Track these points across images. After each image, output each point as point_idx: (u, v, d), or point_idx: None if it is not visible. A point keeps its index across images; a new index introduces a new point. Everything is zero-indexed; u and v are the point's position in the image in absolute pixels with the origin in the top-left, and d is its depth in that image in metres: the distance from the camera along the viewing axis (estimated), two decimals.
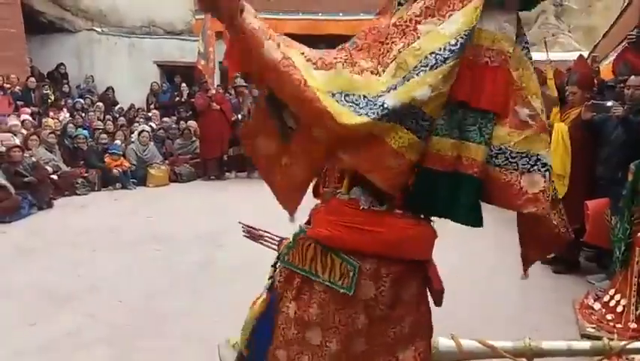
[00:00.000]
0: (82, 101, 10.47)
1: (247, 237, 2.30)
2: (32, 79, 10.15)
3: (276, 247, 2.08)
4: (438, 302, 1.92)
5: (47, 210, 6.53)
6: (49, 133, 7.87)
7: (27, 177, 6.46)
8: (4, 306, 3.58)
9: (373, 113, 1.38)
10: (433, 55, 1.42)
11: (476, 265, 4.66)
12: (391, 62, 1.46)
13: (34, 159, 6.92)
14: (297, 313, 1.66)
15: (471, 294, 3.94)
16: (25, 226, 5.84)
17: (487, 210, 1.81)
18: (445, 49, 1.41)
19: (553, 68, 4.73)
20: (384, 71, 1.46)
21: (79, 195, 7.45)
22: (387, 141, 1.44)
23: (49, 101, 9.83)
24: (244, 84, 9.22)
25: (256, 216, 3.18)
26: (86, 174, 7.75)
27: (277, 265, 1.85)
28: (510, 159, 1.56)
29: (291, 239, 1.75)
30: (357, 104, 1.40)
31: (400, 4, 1.63)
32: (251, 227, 2.29)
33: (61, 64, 11.71)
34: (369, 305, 1.63)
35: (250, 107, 8.94)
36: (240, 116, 8.81)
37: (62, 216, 6.27)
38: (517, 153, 1.55)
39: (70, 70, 11.77)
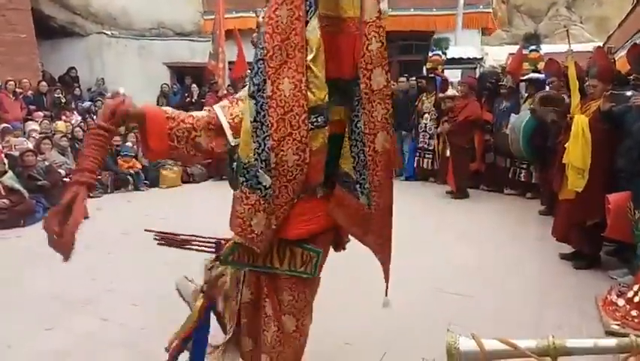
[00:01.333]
0: (92, 104, 10.53)
1: (162, 244, 2.10)
2: (44, 83, 10.22)
3: (210, 250, 1.99)
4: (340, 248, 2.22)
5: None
6: (61, 136, 7.91)
7: (40, 180, 6.49)
8: (20, 311, 3.58)
9: None
10: None
11: (493, 263, 4.58)
12: None
13: (47, 162, 6.95)
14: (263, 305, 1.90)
15: (489, 292, 3.88)
16: (40, 229, 5.82)
17: (505, 208, 1.78)
18: None
19: (574, 58, 4.62)
20: None
21: (92, 197, 7.45)
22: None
23: (61, 104, 9.87)
24: None
25: None
26: (98, 177, 7.75)
27: (211, 268, 2.02)
28: None
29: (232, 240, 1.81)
30: None
31: None
32: (168, 233, 2.06)
33: (72, 67, 11.78)
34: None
35: None
36: None
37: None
38: None
39: (81, 73, 11.85)
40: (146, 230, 2.02)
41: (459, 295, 3.79)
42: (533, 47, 7.74)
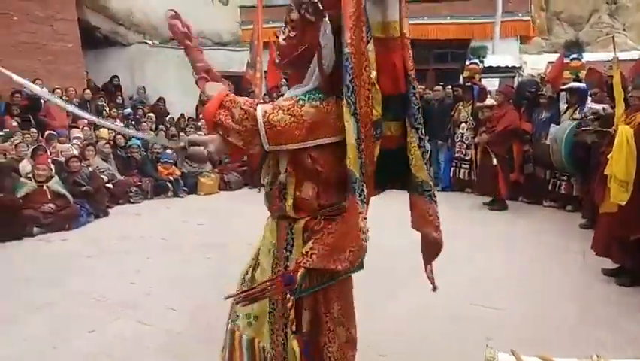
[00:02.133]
0: (132, 112, 10.85)
1: (247, 304, 1.84)
2: (88, 91, 10.59)
3: (286, 287, 1.76)
4: None
5: (103, 218, 6.77)
6: (105, 143, 8.17)
7: (84, 186, 6.72)
8: (64, 312, 3.71)
9: None
10: None
11: (532, 277, 4.48)
12: None
13: (90, 168, 7.19)
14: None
15: (528, 307, 3.80)
16: (84, 233, 6.06)
17: (545, 220, 1.76)
18: None
19: (619, 67, 4.50)
20: None
21: (132, 203, 7.69)
22: None
23: (104, 112, 10.21)
24: None
25: None
26: (139, 183, 7.99)
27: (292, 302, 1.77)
28: None
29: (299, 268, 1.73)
30: None
31: None
32: (244, 292, 1.82)
33: (115, 76, 12.17)
34: None
35: None
36: None
37: (118, 224, 6.48)
38: None
39: (123, 82, 12.21)
40: (226, 297, 1.85)
41: (496, 309, 3.73)
42: (575, 56, 7.57)
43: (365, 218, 1.68)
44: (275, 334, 1.89)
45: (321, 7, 1.64)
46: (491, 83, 9.05)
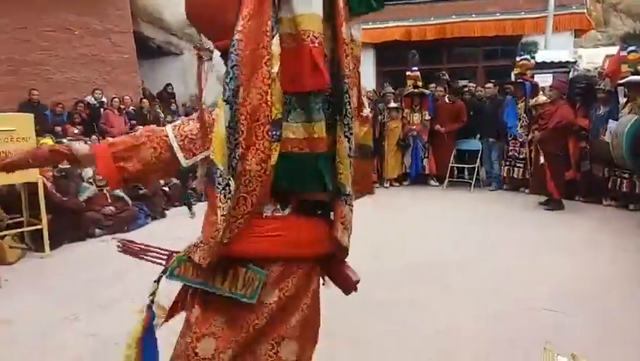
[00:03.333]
0: (184, 117, 11.19)
1: (122, 252, 1.98)
2: (144, 99, 11.04)
3: (163, 262, 1.86)
4: (347, 291, 1.90)
5: (160, 220, 7.03)
6: None
7: (142, 189, 7.01)
8: (125, 311, 3.88)
9: None
10: None
11: (592, 279, 4.31)
12: None
13: None
14: (192, 324, 1.68)
15: (587, 310, 3.66)
16: (142, 234, 6.32)
17: (605, 220, 1.69)
18: None
19: None
20: None
21: (186, 205, 7.92)
22: None
23: (161, 118, 10.61)
24: None
25: None
26: (193, 186, 8.24)
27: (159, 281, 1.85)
28: None
29: (182, 253, 1.72)
30: None
31: None
32: (130, 241, 1.97)
33: (169, 84, 12.60)
34: (266, 308, 1.65)
35: None
36: None
37: (174, 225, 6.70)
38: None
39: (176, 89, 12.62)
40: (115, 240, 1.99)
41: (554, 312, 3.61)
42: (633, 48, 7.22)
43: (224, 216, 1.49)
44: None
45: None
46: (545, 79, 8.76)
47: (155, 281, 1.87)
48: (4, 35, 9.73)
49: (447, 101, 8.78)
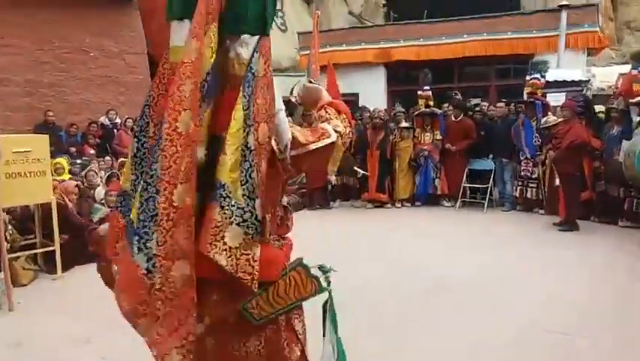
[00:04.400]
0: None
1: None
2: None
3: None
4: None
5: None
6: None
7: None
8: (135, 336, 3.87)
9: None
10: None
11: (609, 302, 4.24)
12: None
13: None
14: None
15: (604, 333, 3.59)
16: None
17: (621, 241, 1.65)
18: None
19: None
20: None
21: None
22: None
23: None
24: None
25: (361, 242, 3.20)
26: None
27: None
28: None
29: None
30: None
31: None
32: None
33: None
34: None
35: (351, 137, 9.04)
36: None
37: None
38: None
39: None
40: None
41: (570, 336, 3.54)
42: None
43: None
44: None
45: None
46: (557, 98, 8.71)
47: None
48: (23, 57, 9.95)
49: (453, 119, 8.75)
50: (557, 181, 6.77)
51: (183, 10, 1.53)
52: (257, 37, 1.55)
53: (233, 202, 1.48)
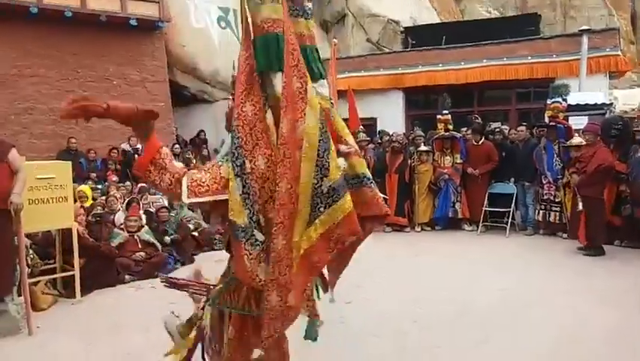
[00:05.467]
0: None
1: (168, 287, 2.66)
2: (177, 146, 11.30)
3: (202, 293, 2.43)
4: None
5: (189, 265, 7.02)
6: None
7: (172, 234, 7.05)
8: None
9: None
10: None
11: (636, 330, 4.04)
12: None
13: (178, 218, 7.56)
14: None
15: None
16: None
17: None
18: None
19: None
20: None
21: (216, 250, 7.92)
22: None
23: (191, 164, 10.81)
24: (366, 138, 9.35)
25: (386, 266, 3.13)
26: (222, 231, 8.26)
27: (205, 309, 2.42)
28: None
29: (220, 286, 2.31)
30: None
31: None
32: (172, 278, 2.62)
33: (202, 131, 12.90)
34: None
35: (370, 160, 9.01)
36: None
37: (202, 271, 6.67)
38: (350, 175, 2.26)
39: (208, 135, 12.90)
40: (158, 276, 2.41)
41: None
42: None
43: (252, 260, 1.97)
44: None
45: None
46: (579, 122, 8.57)
47: (201, 308, 2.39)
48: (49, 87, 10.25)
49: (474, 143, 8.67)
50: (580, 206, 6.59)
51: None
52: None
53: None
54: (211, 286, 2.34)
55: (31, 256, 5.36)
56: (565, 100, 8.77)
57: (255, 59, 2.06)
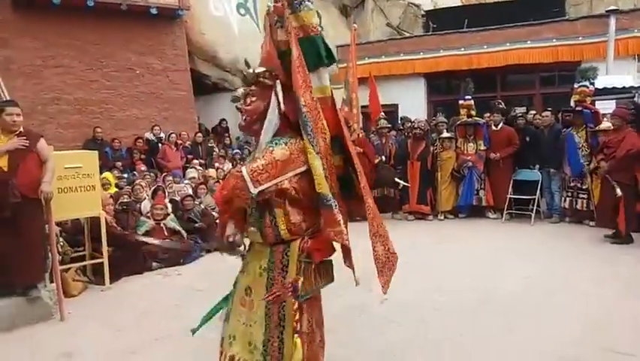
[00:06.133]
0: (240, 152, 11.46)
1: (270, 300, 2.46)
2: (199, 134, 11.40)
3: (294, 294, 2.35)
4: None
5: (214, 253, 7.11)
6: (215, 182, 8.67)
7: (197, 222, 7.15)
8: (180, 345, 3.90)
9: None
10: None
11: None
12: None
13: (202, 206, 7.65)
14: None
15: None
16: (196, 267, 6.42)
17: None
18: None
19: None
20: None
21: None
22: None
23: (214, 152, 10.91)
24: (387, 125, 9.29)
25: (408, 254, 3.15)
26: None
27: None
28: None
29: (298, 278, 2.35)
30: None
31: None
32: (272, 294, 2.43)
33: (223, 119, 12.97)
34: None
35: (391, 147, 8.95)
36: (383, 158, 8.73)
37: (227, 258, 6.76)
38: None
39: (230, 124, 12.98)
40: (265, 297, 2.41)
41: (633, 357, 3.34)
42: None
43: (340, 219, 2.29)
44: (270, 341, 2.37)
45: (274, 74, 2.39)
46: (606, 106, 8.37)
47: (295, 311, 2.36)
48: (73, 77, 10.41)
49: (494, 127, 8.55)
50: (619, 191, 6.37)
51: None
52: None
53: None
54: (298, 283, 2.33)
55: (62, 243, 5.49)
56: (592, 84, 8.56)
57: (304, 58, 2.31)
